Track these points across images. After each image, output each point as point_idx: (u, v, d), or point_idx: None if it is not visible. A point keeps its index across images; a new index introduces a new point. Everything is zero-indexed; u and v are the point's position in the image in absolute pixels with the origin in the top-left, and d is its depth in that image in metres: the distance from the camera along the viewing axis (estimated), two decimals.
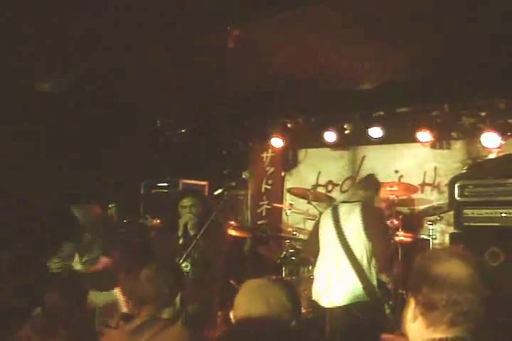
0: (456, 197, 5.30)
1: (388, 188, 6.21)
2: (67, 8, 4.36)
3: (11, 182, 6.12)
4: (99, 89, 6.31)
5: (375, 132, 6.90)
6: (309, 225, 7.40)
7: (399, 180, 6.96)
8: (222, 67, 5.53)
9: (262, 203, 8.31)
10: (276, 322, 2.26)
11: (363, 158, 7.55)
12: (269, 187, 8.22)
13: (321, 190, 7.69)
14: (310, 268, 5.84)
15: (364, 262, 4.51)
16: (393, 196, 6.20)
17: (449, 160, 6.82)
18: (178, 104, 7.15)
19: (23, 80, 5.99)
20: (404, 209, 6.80)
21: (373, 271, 4.57)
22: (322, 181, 7.78)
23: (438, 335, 1.64)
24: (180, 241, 4.47)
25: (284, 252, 6.56)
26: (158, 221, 6.66)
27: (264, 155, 8.31)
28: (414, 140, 6.77)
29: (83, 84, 6.25)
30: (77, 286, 3.31)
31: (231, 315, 2.40)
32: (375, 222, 4.62)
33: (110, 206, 7.17)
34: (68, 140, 6.61)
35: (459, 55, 5.17)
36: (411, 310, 1.72)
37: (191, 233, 4.47)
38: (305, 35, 4.86)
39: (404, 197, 6.66)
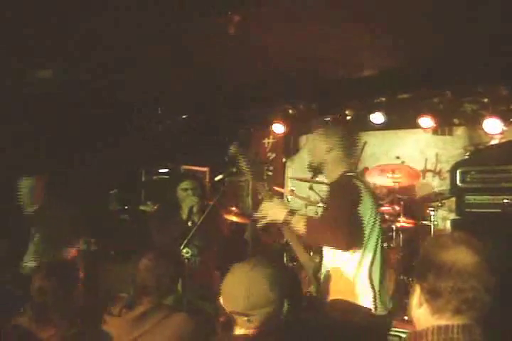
0: (457, 183, 5.30)
1: (390, 174, 6.21)
2: (67, 8, 4.33)
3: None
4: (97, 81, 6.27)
5: (377, 118, 6.88)
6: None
7: None
8: (223, 54, 5.49)
9: None
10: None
11: (365, 144, 7.53)
12: (270, 173, 8.21)
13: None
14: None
15: None
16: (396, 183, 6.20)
17: (451, 147, 6.82)
18: (180, 92, 7.11)
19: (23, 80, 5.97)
20: (406, 195, 6.80)
21: None
22: None
23: (443, 322, 1.65)
24: (189, 223, 4.40)
25: (285, 238, 6.56)
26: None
27: (266, 141, 8.30)
28: (416, 126, 6.76)
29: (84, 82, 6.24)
30: (69, 272, 3.12)
31: (220, 301, 2.19)
32: None
33: (111, 192, 7.20)
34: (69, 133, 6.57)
35: (461, 44, 5.14)
36: (416, 297, 1.73)
37: (195, 218, 4.43)
38: (306, 23, 4.81)
39: (406, 184, 6.66)
